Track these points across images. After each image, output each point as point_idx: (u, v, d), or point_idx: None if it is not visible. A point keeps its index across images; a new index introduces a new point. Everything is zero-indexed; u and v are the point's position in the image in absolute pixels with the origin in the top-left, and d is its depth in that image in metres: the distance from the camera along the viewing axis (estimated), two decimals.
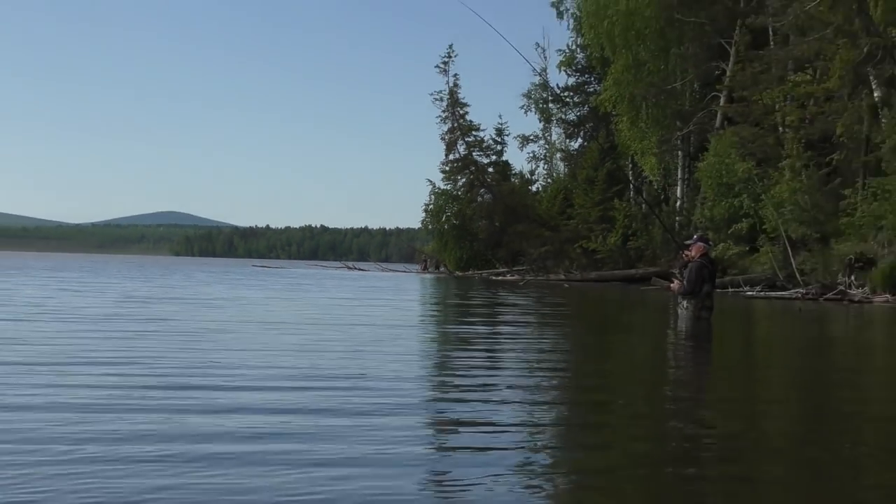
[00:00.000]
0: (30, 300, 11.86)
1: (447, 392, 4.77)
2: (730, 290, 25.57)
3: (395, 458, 3.17)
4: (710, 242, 11.84)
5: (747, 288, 25.30)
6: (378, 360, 6.01)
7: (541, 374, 5.76)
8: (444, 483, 2.90)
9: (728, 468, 3.24)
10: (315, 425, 3.69)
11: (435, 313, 12.50)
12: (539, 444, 3.56)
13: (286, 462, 3.05)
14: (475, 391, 4.77)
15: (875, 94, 24.85)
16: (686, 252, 11.01)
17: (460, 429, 3.76)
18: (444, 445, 3.44)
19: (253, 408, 4.04)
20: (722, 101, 34.40)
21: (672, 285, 11.30)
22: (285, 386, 4.70)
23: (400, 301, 14.91)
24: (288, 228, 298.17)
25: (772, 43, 31.53)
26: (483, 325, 9.29)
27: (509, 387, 4.94)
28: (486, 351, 7.02)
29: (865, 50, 23.23)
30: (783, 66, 29.63)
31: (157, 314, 9.82)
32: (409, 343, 7.55)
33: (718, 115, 34.47)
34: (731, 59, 33.90)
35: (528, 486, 2.88)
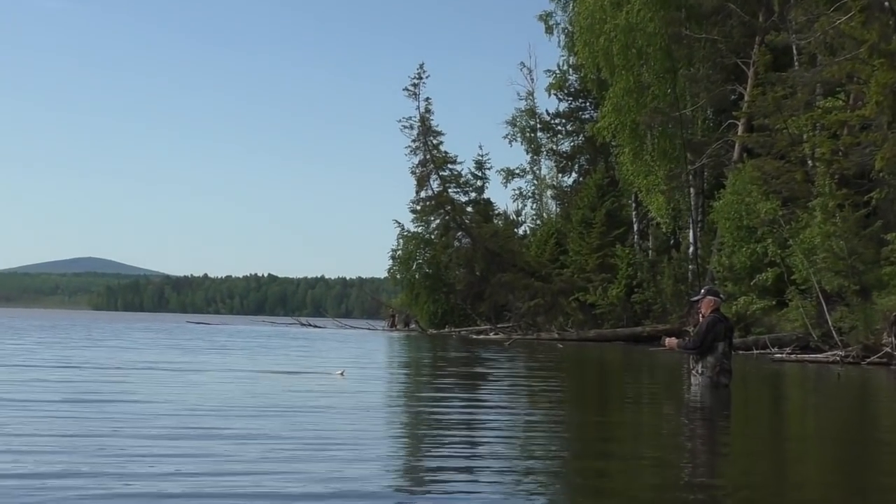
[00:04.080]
0: None
1: None
2: (755, 351, 25.53)
3: None
4: (722, 296, 11.99)
5: (775, 349, 25.27)
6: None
7: (531, 473, 5.32)
8: None
9: None
10: None
11: (401, 388, 12.06)
12: None
13: None
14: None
15: None
16: (698, 308, 11.29)
17: None
18: None
19: None
20: (740, 129, 34.86)
21: (668, 341, 11.44)
22: None
23: (356, 378, 13.98)
24: (229, 278, 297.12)
25: (796, 63, 32.00)
26: (458, 409, 8.59)
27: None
28: (465, 442, 6.58)
29: None
30: (810, 90, 29.88)
31: None
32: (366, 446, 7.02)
33: (736, 147, 34.84)
34: (750, 81, 34.27)
35: None
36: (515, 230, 53.72)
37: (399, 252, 49.22)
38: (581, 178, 50.90)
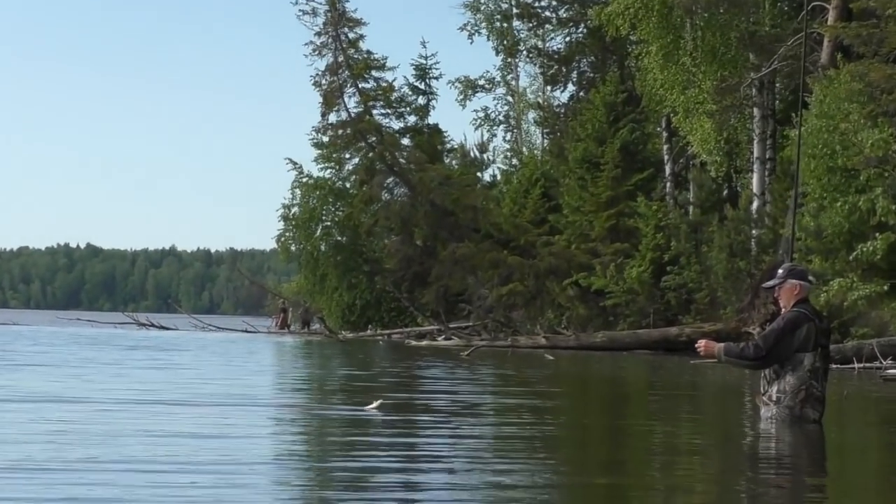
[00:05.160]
0: None
1: None
2: (856, 365, 25.56)
3: None
4: (811, 278, 12.02)
5: (889, 361, 25.16)
6: None
7: None
8: None
9: None
10: None
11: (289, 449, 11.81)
12: None
13: None
14: None
15: None
16: (775, 297, 11.52)
17: None
18: None
19: None
20: (830, 17, 34.85)
21: (705, 345, 11.54)
22: None
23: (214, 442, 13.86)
24: (24, 251, 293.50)
25: None
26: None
27: None
28: None
29: None
30: None
31: None
32: None
33: (825, 45, 34.98)
34: None
35: None
36: (479, 175, 54.10)
37: (294, 209, 49.22)
38: (582, 94, 51.00)
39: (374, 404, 12.44)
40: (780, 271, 11.42)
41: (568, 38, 52.59)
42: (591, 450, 10.84)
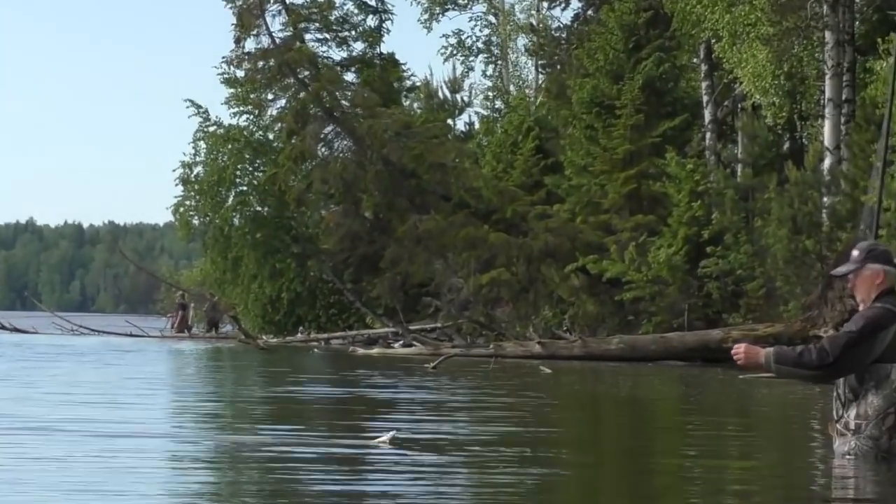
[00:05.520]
0: None
1: None
2: None
3: None
4: None
5: None
6: None
7: None
8: None
9: None
10: None
11: None
12: None
13: None
14: None
15: None
16: (850, 288, 11.52)
17: None
18: None
19: None
20: None
21: (744, 351, 11.35)
22: None
23: None
24: None
25: None
26: None
27: None
28: None
29: None
30: None
31: None
32: None
33: None
34: None
35: None
36: (450, 123, 54.71)
37: (198, 170, 49.54)
38: (591, 13, 51.34)
39: (386, 436, 12.55)
40: (856, 253, 11.23)
41: None
42: (606, 500, 10.87)
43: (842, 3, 38.40)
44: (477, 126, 55.93)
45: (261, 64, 47.83)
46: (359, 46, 50.43)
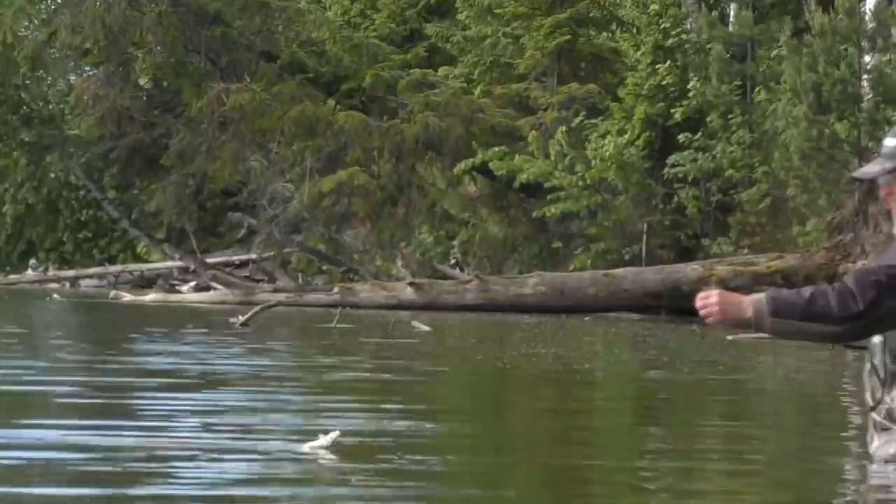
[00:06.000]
0: None
1: None
2: None
3: None
4: None
5: None
6: None
7: None
8: None
9: None
10: None
11: None
12: None
13: None
14: None
15: None
16: (882, 195, 9.26)
17: None
18: None
19: None
20: None
21: (711, 299, 8.92)
22: None
23: None
24: None
25: None
26: None
27: None
28: None
29: None
30: None
31: None
32: None
33: None
34: None
35: None
36: None
37: None
38: None
39: (325, 440, 9.58)
40: (893, 143, 8.55)
41: None
42: None
43: None
44: None
45: None
46: None
